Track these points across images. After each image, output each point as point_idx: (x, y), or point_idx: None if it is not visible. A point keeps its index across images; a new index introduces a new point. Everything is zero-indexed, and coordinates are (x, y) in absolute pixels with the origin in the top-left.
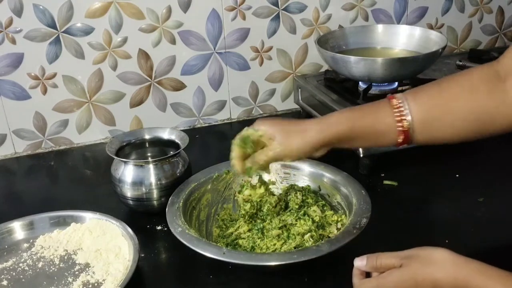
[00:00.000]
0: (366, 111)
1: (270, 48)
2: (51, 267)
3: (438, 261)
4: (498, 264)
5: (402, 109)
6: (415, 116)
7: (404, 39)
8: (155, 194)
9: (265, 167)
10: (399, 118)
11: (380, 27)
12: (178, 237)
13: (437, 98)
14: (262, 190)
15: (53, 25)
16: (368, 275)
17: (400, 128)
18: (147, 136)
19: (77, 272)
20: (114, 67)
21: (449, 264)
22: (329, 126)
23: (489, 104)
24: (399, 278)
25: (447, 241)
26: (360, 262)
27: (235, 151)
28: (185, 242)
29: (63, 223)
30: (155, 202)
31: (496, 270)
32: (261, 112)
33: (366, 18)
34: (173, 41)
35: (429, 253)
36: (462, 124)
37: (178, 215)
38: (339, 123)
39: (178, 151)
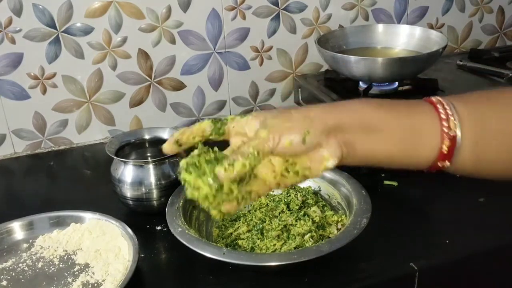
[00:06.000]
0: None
1: (270, 48)
2: (51, 267)
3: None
4: (499, 264)
5: (447, 108)
6: (465, 120)
7: (404, 39)
8: (155, 194)
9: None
10: (445, 117)
11: (380, 27)
12: (178, 237)
13: (491, 108)
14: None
15: (52, 25)
16: None
17: (446, 130)
18: (147, 136)
19: (76, 273)
20: (114, 67)
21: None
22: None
23: None
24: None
25: (447, 241)
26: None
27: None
28: (185, 242)
29: (62, 223)
30: (155, 202)
31: None
32: None
33: (367, 18)
34: (173, 41)
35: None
36: None
37: (178, 215)
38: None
39: None
